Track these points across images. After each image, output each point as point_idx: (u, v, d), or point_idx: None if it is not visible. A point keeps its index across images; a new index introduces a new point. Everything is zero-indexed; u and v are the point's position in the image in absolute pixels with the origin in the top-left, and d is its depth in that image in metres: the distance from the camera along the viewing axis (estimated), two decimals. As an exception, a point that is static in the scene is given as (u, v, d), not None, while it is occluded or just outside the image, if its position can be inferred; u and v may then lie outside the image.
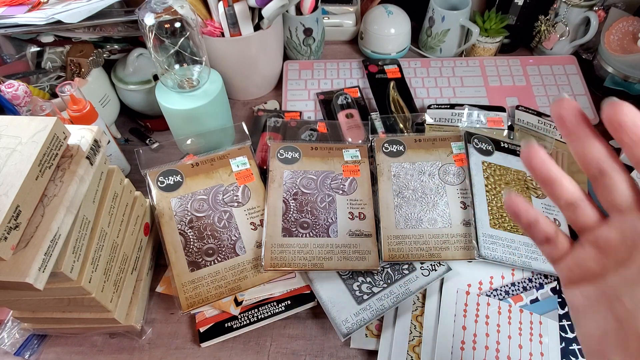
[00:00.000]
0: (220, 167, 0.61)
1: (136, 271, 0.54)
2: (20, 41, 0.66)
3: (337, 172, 0.62)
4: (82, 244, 0.43)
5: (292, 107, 0.76)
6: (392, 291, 0.53)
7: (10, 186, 0.36)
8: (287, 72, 0.81)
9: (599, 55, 0.75)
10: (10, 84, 0.54)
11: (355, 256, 0.54)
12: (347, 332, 0.50)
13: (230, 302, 0.53)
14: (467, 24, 0.78)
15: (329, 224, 0.57)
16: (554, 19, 0.79)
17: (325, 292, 0.53)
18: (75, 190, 0.41)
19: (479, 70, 0.80)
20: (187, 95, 0.63)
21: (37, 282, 0.36)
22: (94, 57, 0.65)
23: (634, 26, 0.72)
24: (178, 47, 0.61)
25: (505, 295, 0.53)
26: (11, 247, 0.35)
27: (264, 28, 0.69)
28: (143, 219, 0.56)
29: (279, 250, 0.54)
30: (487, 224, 0.55)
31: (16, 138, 0.39)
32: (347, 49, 0.89)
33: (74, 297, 0.44)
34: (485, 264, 0.55)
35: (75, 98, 0.55)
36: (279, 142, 0.64)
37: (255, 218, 0.58)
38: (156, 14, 0.57)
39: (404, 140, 0.64)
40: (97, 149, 0.45)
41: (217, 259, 0.55)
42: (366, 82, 0.78)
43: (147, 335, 0.53)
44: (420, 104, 0.76)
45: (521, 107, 0.72)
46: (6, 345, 0.52)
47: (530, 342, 0.50)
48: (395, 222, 0.57)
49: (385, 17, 0.80)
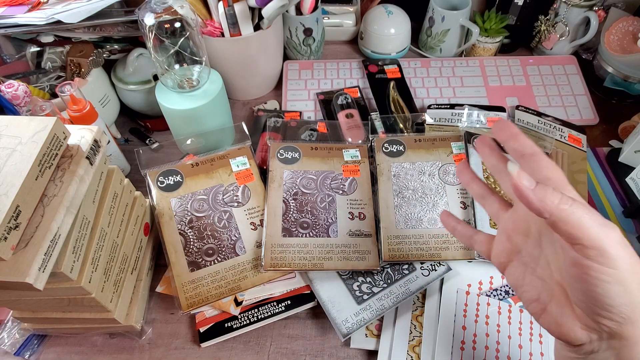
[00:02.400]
0: (220, 167, 0.61)
1: (136, 271, 0.54)
2: (20, 41, 0.66)
3: (337, 172, 0.62)
4: (82, 244, 0.43)
5: (292, 107, 0.76)
6: (392, 291, 0.53)
7: (10, 186, 0.36)
8: (287, 72, 0.81)
9: (599, 55, 0.75)
10: (10, 84, 0.54)
11: (355, 256, 0.54)
12: (347, 332, 0.50)
13: (230, 302, 0.53)
14: (467, 24, 0.78)
15: (329, 224, 0.57)
16: (554, 19, 0.79)
17: (325, 292, 0.53)
18: (75, 190, 0.41)
19: (479, 70, 0.80)
20: (187, 95, 0.63)
21: (37, 282, 0.36)
22: (94, 57, 0.65)
23: (634, 26, 0.72)
24: (178, 47, 0.61)
25: (505, 295, 0.53)
26: (11, 247, 0.35)
27: (264, 28, 0.69)
28: (143, 219, 0.56)
29: (279, 250, 0.54)
30: (487, 224, 0.56)
31: (16, 138, 0.39)
32: (347, 49, 0.89)
33: (74, 297, 0.44)
34: (485, 264, 0.55)
35: (75, 98, 0.55)
36: (279, 142, 0.64)
37: (255, 218, 0.58)
38: (156, 14, 0.57)
39: (404, 140, 0.64)
40: (97, 149, 0.45)
41: (217, 259, 0.55)
42: (366, 82, 0.78)
43: (147, 335, 0.53)
44: (420, 104, 0.76)
45: (521, 107, 0.72)
46: (6, 345, 0.52)
47: (530, 342, 0.50)
48: (395, 222, 0.57)
49: (385, 17, 0.80)
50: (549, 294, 0.31)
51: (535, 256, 0.33)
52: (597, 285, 0.26)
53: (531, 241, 0.33)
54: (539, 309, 0.31)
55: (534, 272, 0.33)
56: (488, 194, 0.37)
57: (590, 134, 0.71)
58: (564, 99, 0.75)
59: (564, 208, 0.26)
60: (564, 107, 0.74)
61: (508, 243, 0.35)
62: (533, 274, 0.33)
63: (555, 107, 0.74)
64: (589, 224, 0.25)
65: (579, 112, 0.74)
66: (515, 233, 0.34)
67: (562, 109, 0.74)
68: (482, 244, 0.37)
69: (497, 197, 0.37)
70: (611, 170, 0.67)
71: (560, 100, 0.75)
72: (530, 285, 0.32)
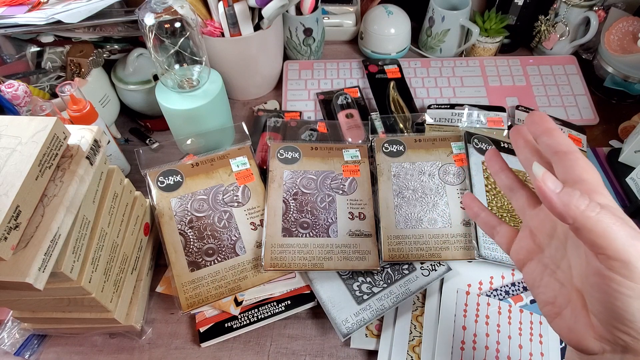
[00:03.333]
0: (220, 167, 0.61)
1: (136, 271, 0.54)
2: (20, 41, 0.66)
3: (337, 172, 0.62)
4: (82, 244, 0.43)
5: (292, 107, 0.76)
6: (392, 291, 0.53)
7: (10, 186, 0.36)
8: (287, 72, 0.81)
9: (599, 55, 0.75)
10: (10, 84, 0.54)
11: (355, 256, 0.54)
12: (347, 332, 0.50)
13: (230, 302, 0.53)
14: (467, 24, 0.78)
15: (329, 224, 0.57)
16: (554, 19, 0.79)
17: (325, 292, 0.53)
18: (75, 190, 0.41)
19: (479, 70, 0.80)
20: (187, 95, 0.63)
21: (37, 282, 0.36)
22: (94, 57, 0.65)
23: (634, 26, 0.72)
24: (178, 47, 0.61)
25: (505, 295, 0.53)
26: (11, 247, 0.35)
27: (264, 28, 0.69)
28: (143, 219, 0.56)
29: (279, 251, 0.54)
30: (487, 224, 0.55)
31: (16, 138, 0.39)
32: (347, 49, 0.89)
33: (74, 297, 0.44)
34: (485, 264, 0.55)
35: (75, 98, 0.55)
36: (279, 142, 0.64)
37: (255, 218, 0.58)
38: (156, 14, 0.57)
39: (404, 140, 0.64)
40: (97, 149, 0.45)
41: (217, 259, 0.55)
42: (366, 82, 0.78)
43: (147, 335, 0.53)
44: (420, 104, 0.76)
45: (521, 107, 0.72)
46: (6, 345, 0.52)
47: (530, 342, 0.50)
48: (395, 222, 0.57)
49: (385, 17, 0.80)
50: (566, 298, 0.30)
51: (558, 259, 0.31)
52: (617, 299, 0.24)
53: (555, 243, 0.31)
54: (553, 313, 0.30)
55: (554, 274, 0.31)
56: (518, 187, 0.34)
57: (590, 134, 0.71)
58: (564, 99, 0.75)
59: (590, 215, 0.24)
60: (564, 107, 0.74)
61: (530, 240, 0.33)
62: (552, 276, 0.31)
63: (555, 107, 0.74)
64: (617, 234, 0.24)
65: (579, 112, 0.74)
66: (539, 232, 0.32)
67: (562, 109, 0.74)
68: (503, 236, 0.35)
69: (526, 191, 0.34)
70: (611, 170, 0.67)
71: (560, 100, 0.75)
72: (547, 287, 0.31)
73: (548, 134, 0.28)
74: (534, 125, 0.29)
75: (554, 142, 0.28)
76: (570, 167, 0.27)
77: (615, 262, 0.24)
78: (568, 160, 0.27)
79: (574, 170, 0.27)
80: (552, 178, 0.25)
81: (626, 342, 0.26)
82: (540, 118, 0.29)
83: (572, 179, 0.27)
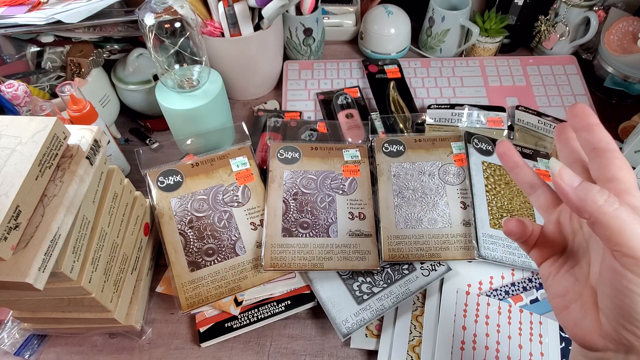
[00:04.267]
0: (220, 167, 0.61)
1: (136, 271, 0.54)
2: (20, 41, 0.66)
3: (337, 172, 0.62)
4: (82, 244, 0.43)
5: (292, 107, 0.76)
6: (392, 291, 0.53)
7: (10, 186, 0.36)
8: (287, 72, 0.81)
9: (599, 55, 0.75)
10: (10, 84, 0.54)
11: (355, 256, 0.54)
12: (347, 332, 0.50)
13: (230, 302, 0.53)
14: (467, 24, 0.78)
15: (329, 224, 0.57)
16: (554, 19, 0.79)
17: (325, 292, 0.53)
18: (75, 190, 0.41)
19: (479, 70, 0.80)
20: (187, 95, 0.63)
21: (37, 282, 0.36)
22: (94, 57, 0.65)
23: (634, 26, 0.72)
24: (178, 47, 0.61)
25: (505, 295, 0.53)
26: (11, 247, 0.35)
27: (264, 28, 0.69)
28: (143, 219, 0.56)
29: (279, 251, 0.54)
30: (487, 224, 0.56)
31: (16, 138, 0.39)
32: (347, 49, 0.89)
33: (74, 297, 0.44)
34: (485, 264, 0.55)
35: (75, 98, 0.55)
36: (279, 142, 0.64)
37: (255, 218, 0.58)
38: (156, 14, 0.57)
39: (404, 140, 0.64)
40: (97, 149, 0.45)
41: (217, 259, 0.55)
42: (366, 82, 0.78)
43: (147, 335, 0.53)
44: (420, 104, 0.76)
45: (521, 107, 0.72)
46: (6, 345, 0.52)
47: (530, 342, 0.50)
48: (395, 222, 0.57)
49: (385, 17, 0.80)
50: (578, 293, 0.29)
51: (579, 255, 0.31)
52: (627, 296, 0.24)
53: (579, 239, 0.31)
54: (562, 306, 0.30)
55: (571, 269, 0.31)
56: (539, 183, 0.32)
57: (590, 134, 0.71)
58: (564, 99, 0.75)
59: (607, 211, 0.24)
60: (564, 107, 0.74)
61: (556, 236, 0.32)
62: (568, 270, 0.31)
63: (555, 107, 0.74)
64: (634, 232, 0.23)
65: (579, 112, 0.74)
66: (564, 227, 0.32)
67: (562, 109, 0.74)
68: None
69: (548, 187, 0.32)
70: (611, 170, 0.66)
71: (560, 100, 0.75)
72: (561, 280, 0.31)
73: (588, 129, 0.27)
74: (575, 119, 0.28)
75: (594, 138, 0.27)
76: (606, 165, 0.26)
77: (629, 260, 0.24)
78: (605, 157, 0.27)
79: (609, 168, 0.26)
80: (569, 172, 0.25)
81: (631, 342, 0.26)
82: (582, 111, 0.28)
83: (606, 177, 0.26)
